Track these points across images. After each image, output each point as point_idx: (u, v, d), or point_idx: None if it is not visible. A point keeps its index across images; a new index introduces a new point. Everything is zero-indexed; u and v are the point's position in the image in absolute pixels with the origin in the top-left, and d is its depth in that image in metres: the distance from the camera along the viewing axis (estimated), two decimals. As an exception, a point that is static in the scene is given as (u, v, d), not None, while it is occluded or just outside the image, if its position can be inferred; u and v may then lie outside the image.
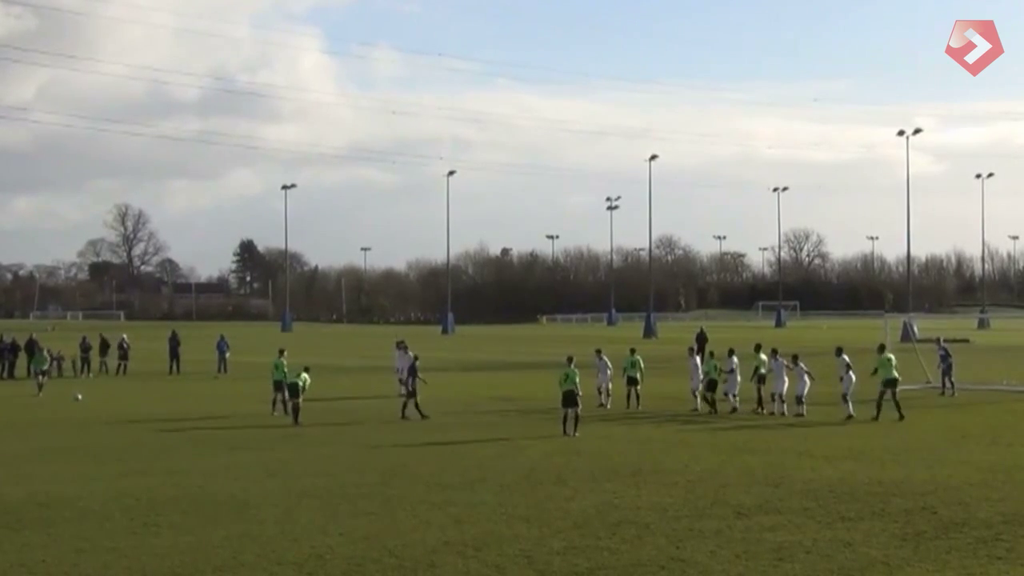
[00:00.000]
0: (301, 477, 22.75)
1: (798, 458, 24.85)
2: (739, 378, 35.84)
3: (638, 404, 36.10)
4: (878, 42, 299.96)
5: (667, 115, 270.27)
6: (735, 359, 36.16)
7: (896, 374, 32.97)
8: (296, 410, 32.84)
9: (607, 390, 36.83)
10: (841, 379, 33.77)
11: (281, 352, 36.88)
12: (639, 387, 36.63)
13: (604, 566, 14.86)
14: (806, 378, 34.14)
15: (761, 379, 35.31)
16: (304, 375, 33.77)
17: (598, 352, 37.90)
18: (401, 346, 42.61)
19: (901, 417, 31.89)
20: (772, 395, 34.41)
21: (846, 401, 33.21)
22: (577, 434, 28.87)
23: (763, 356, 35.79)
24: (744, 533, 16.76)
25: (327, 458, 25.71)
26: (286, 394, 34.33)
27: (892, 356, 33.47)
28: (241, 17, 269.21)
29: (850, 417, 32.53)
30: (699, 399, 36.01)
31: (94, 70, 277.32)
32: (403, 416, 33.26)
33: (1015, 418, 33.50)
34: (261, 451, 27.09)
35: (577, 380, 29.79)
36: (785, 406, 34.01)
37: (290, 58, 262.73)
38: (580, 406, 29.77)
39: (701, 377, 36.19)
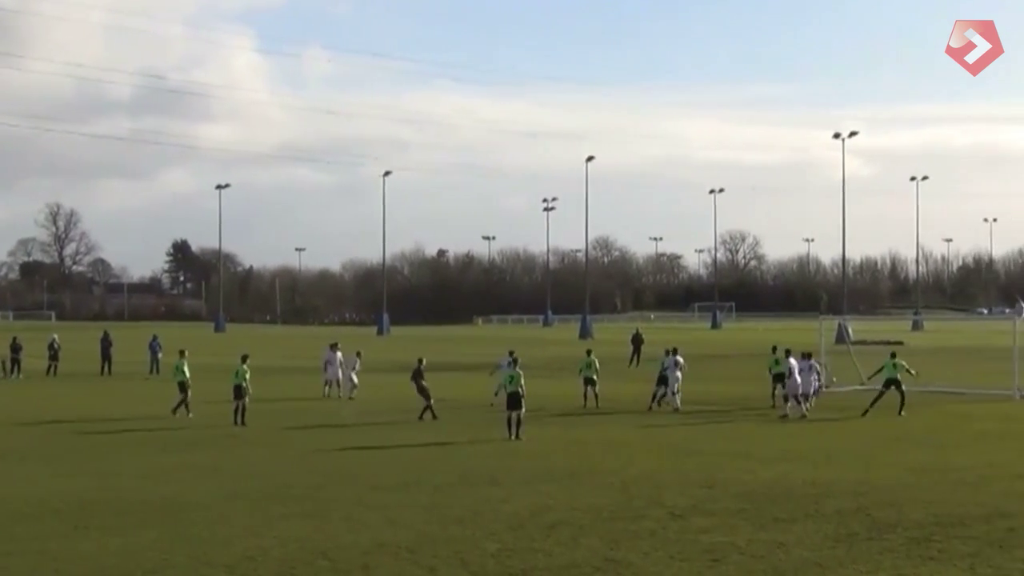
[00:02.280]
0: (234, 479, 22.53)
1: (733, 459, 24.95)
2: (679, 375, 36.76)
3: (596, 403, 36.58)
4: (812, 46, 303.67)
5: (604, 116, 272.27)
6: (679, 359, 37.01)
7: (898, 376, 34.66)
8: (239, 411, 32.42)
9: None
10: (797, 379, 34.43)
11: (182, 353, 36.22)
12: (596, 387, 37.12)
13: (538, 567, 14.81)
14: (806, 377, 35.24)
15: (778, 379, 35.98)
16: (243, 367, 33.43)
17: (511, 353, 37.76)
18: (334, 348, 42.61)
19: (900, 414, 33.58)
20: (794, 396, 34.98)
21: (802, 400, 34.09)
22: (522, 437, 28.57)
23: (792, 360, 36.02)
24: (678, 534, 16.79)
25: (260, 460, 25.48)
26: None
27: (896, 363, 35.05)
28: (174, 16, 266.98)
29: (804, 416, 33.67)
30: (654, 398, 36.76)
31: (26, 68, 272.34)
32: (421, 418, 33.27)
33: (948, 420, 33.87)
34: (193, 453, 26.79)
35: (522, 382, 29.55)
36: (806, 405, 34.62)
37: (223, 58, 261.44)
38: (524, 408, 29.52)
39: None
